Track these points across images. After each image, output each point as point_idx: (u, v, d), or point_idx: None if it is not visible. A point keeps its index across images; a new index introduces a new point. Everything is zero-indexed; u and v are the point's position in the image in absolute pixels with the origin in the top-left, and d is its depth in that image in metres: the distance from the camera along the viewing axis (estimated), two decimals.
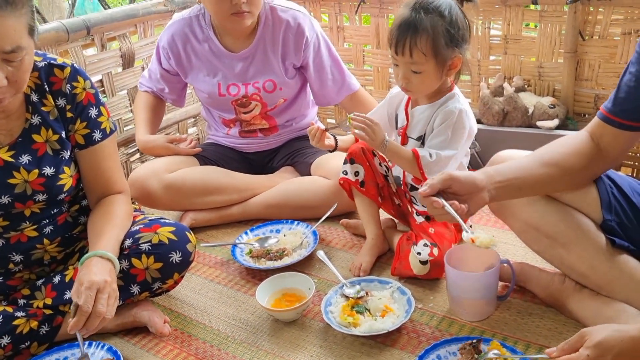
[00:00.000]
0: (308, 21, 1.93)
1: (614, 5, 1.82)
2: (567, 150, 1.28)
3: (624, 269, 1.27)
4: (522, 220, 1.38)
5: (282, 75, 1.94)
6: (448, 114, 1.52)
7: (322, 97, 2.06)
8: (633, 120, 1.21)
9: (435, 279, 1.55)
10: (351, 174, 1.69)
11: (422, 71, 1.48)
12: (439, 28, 1.45)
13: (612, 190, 1.32)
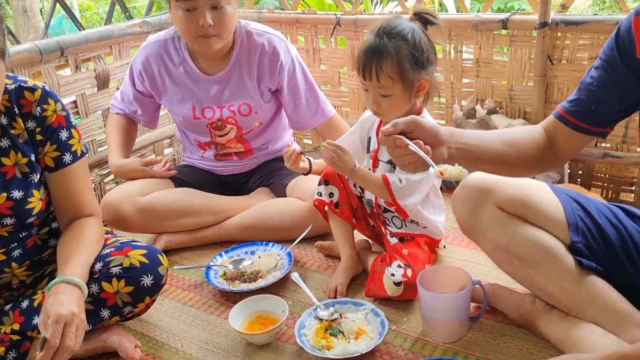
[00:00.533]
0: (284, 45, 1.94)
1: (580, 31, 1.88)
2: (524, 137, 1.31)
3: (591, 290, 1.30)
4: (492, 242, 1.40)
5: (257, 98, 1.95)
6: None
7: (296, 122, 2.07)
8: (587, 123, 1.26)
9: (409, 300, 1.55)
10: (325, 195, 1.70)
11: (390, 94, 1.51)
12: (403, 52, 1.48)
13: (579, 213, 1.35)
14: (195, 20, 1.74)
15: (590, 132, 1.27)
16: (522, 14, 1.98)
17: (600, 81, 1.22)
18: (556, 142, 1.30)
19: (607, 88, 1.22)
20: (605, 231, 1.33)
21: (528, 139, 1.31)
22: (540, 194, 1.39)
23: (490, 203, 1.38)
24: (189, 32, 1.78)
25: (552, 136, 1.31)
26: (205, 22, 1.74)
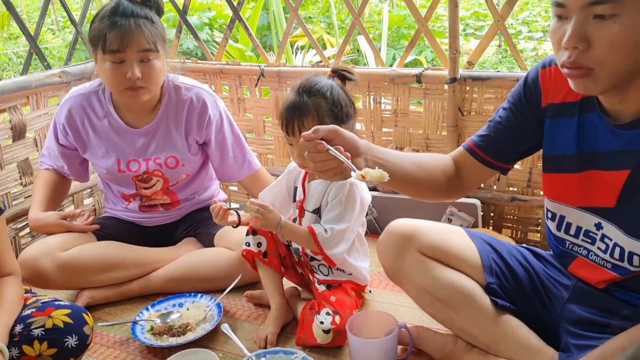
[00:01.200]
0: (212, 99, 1.97)
1: (486, 85, 2.05)
2: (434, 163, 1.41)
3: (506, 328, 1.39)
4: (416, 285, 1.47)
5: (185, 151, 1.96)
6: (340, 187, 1.61)
7: (222, 174, 2.09)
8: (492, 158, 1.39)
9: (339, 347, 1.59)
10: (254, 245, 1.73)
11: None
12: (323, 108, 1.55)
13: (493, 256, 1.46)
14: (124, 72, 1.75)
15: (494, 166, 1.40)
16: (434, 69, 2.14)
17: (507, 121, 1.36)
18: (462, 172, 1.42)
19: (512, 128, 1.36)
20: (516, 272, 1.45)
21: (437, 165, 1.41)
22: (458, 239, 1.49)
23: (413, 249, 1.46)
24: (117, 84, 1.78)
25: (459, 166, 1.42)
26: (133, 75, 1.74)
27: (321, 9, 6.68)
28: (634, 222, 1.19)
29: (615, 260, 1.25)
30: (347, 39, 2.41)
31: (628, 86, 1.11)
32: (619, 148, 1.19)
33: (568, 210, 1.33)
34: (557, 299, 1.41)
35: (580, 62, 1.06)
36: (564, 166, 1.30)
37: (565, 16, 1.06)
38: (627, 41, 1.02)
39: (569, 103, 1.27)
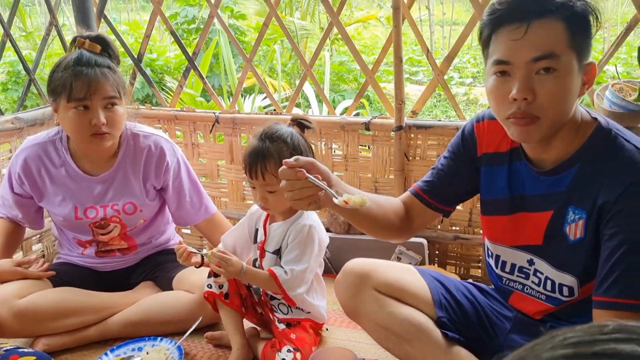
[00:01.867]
0: (170, 146, 2.03)
1: (429, 133, 2.22)
2: (388, 204, 1.53)
3: (456, 358, 1.50)
4: (373, 321, 1.57)
5: (142, 197, 2.00)
6: (300, 229, 1.71)
7: (179, 219, 2.14)
8: (436, 202, 1.53)
9: None
10: (215, 287, 1.78)
11: (275, 191, 1.67)
12: (284, 153, 1.65)
13: (441, 291, 1.58)
14: (88, 119, 1.79)
15: (437, 208, 1.54)
16: (381, 118, 2.30)
17: (448, 169, 1.52)
18: (411, 214, 1.55)
19: (452, 175, 1.52)
20: (463, 306, 1.58)
21: (391, 206, 1.53)
22: (410, 276, 1.60)
23: (369, 287, 1.56)
24: (82, 131, 1.81)
25: (408, 209, 1.56)
26: (99, 121, 1.78)
27: (270, 55, 6.86)
28: (559, 257, 1.35)
29: (548, 292, 1.40)
30: (299, 89, 2.55)
31: (554, 137, 1.28)
32: (542, 192, 1.36)
33: (503, 249, 1.48)
34: (500, 330, 1.55)
35: (530, 112, 1.21)
36: (498, 209, 1.46)
37: (509, 72, 1.22)
38: (564, 91, 1.20)
39: (500, 153, 1.44)
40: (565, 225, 1.33)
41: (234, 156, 2.57)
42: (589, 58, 1.23)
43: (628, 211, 1.21)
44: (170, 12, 7.95)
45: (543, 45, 1.18)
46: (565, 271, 1.35)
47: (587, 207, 1.28)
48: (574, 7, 1.18)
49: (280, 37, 7.36)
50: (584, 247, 1.30)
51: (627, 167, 1.22)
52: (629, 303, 1.21)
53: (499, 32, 1.23)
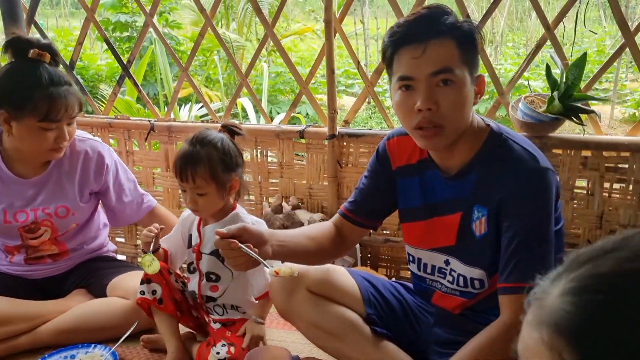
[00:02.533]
0: (106, 149, 2.06)
1: (360, 141, 2.32)
2: (321, 233, 1.63)
3: (385, 352, 1.59)
4: (306, 321, 1.64)
5: (76, 201, 1.99)
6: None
7: (122, 219, 2.15)
8: (363, 219, 1.65)
9: None
10: (148, 293, 1.79)
11: (205, 194, 1.71)
12: (215, 158, 1.71)
13: (371, 290, 1.68)
14: (53, 136, 1.83)
15: (365, 225, 1.67)
16: (315, 127, 2.38)
17: (369, 187, 1.64)
18: (343, 234, 1.66)
19: (374, 192, 1.64)
20: (391, 303, 1.68)
21: (324, 233, 1.64)
22: (341, 277, 1.69)
23: (302, 287, 1.63)
24: (42, 146, 1.86)
25: (339, 229, 1.66)
26: (64, 139, 1.85)
27: (208, 65, 6.85)
28: (469, 253, 1.48)
29: (461, 287, 1.52)
30: (235, 98, 2.60)
31: (455, 144, 1.41)
32: (451, 196, 1.49)
33: (423, 252, 1.59)
34: (425, 325, 1.66)
35: (434, 121, 1.33)
36: (414, 216, 1.58)
37: (413, 87, 1.35)
38: (462, 100, 1.34)
39: (411, 165, 1.57)
40: (472, 223, 1.46)
41: (170, 164, 2.58)
42: (478, 71, 1.39)
43: (519, 204, 1.36)
44: (102, 18, 7.78)
45: (440, 61, 1.32)
46: (475, 266, 1.47)
47: (488, 205, 1.42)
48: (462, 28, 1.34)
49: (216, 47, 7.37)
50: (488, 241, 1.43)
51: (516, 165, 1.37)
52: (527, 286, 1.34)
53: (400, 52, 1.36)
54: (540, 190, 1.36)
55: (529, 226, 1.35)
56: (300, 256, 1.56)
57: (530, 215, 1.35)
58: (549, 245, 1.36)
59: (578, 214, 2.09)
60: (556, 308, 0.53)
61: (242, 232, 1.38)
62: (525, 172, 1.36)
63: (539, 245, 1.35)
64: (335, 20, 2.21)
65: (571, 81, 1.90)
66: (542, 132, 2.01)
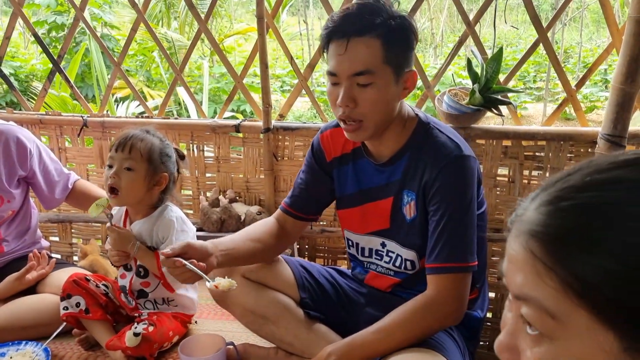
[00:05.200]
0: (25, 133, 2.03)
1: (295, 134, 2.37)
2: (264, 230, 1.67)
3: (317, 334, 1.66)
4: (240, 306, 1.68)
5: (7, 187, 1.97)
6: (168, 223, 1.76)
7: (51, 200, 2.12)
8: (303, 213, 1.70)
9: None
10: (72, 307, 1.77)
11: (133, 169, 1.70)
12: (157, 145, 1.75)
13: (305, 275, 1.73)
14: None
15: (306, 219, 1.72)
16: (251, 121, 2.41)
17: (307, 182, 1.69)
18: (286, 228, 1.71)
19: (312, 186, 1.69)
20: (324, 287, 1.74)
21: (266, 231, 1.68)
22: (275, 264, 1.74)
23: (237, 274, 1.67)
24: None
25: (282, 225, 1.71)
26: None
27: (146, 63, 6.74)
28: (402, 235, 1.56)
29: (396, 268, 1.60)
30: (170, 93, 2.60)
31: (384, 133, 1.49)
32: (383, 182, 1.56)
33: (360, 237, 1.66)
34: (357, 305, 1.72)
35: (352, 117, 1.41)
36: (350, 202, 1.65)
37: (338, 83, 1.41)
38: (381, 100, 1.40)
39: (345, 154, 1.63)
40: (403, 207, 1.54)
41: (104, 160, 2.56)
42: (409, 67, 1.43)
43: (444, 188, 1.44)
44: (37, 19, 7.54)
45: (361, 61, 1.37)
46: (408, 247, 1.55)
47: (415, 189, 1.50)
48: (390, 26, 1.37)
49: (156, 47, 7.26)
50: (417, 224, 1.51)
51: (441, 152, 1.45)
52: (452, 266, 1.43)
53: (330, 46, 1.42)
54: (462, 176, 1.44)
55: (452, 210, 1.43)
56: (245, 260, 1.62)
57: (453, 200, 1.43)
58: (472, 228, 1.45)
59: (501, 200, 2.21)
60: (533, 218, 0.60)
61: (187, 249, 1.42)
62: (448, 158, 1.44)
63: (462, 227, 1.44)
64: (268, 16, 2.26)
65: (490, 74, 2.01)
66: (465, 123, 2.12)
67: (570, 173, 0.62)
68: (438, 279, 1.45)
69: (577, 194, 0.58)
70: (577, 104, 2.18)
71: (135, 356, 1.68)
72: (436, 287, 1.45)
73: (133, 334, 1.65)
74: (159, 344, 1.70)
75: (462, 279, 1.44)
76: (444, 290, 1.44)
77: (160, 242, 1.78)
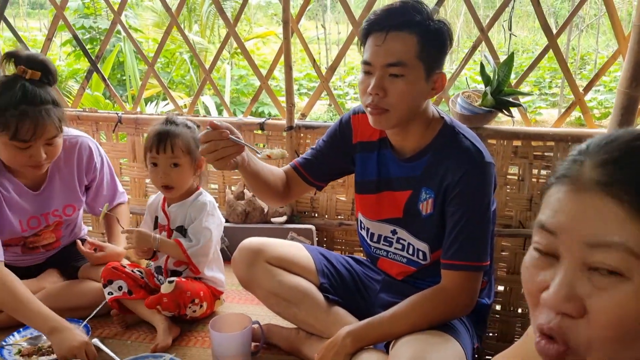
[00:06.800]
0: (94, 146, 2.15)
1: (316, 133, 2.51)
2: (278, 174, 1.78)
3: (336, 316, 1.78)
4: (265, 289, 1.81)
5: (79, 197, 2.12)
6: (200, 207, 1.94)
7: (93, 209, 2.25)
8: (310, 176, 1.82)
9: (201, 348, 1.84)
10: (116, 291, 1.94)
11: (180, 164, 1.88)
12: (188, 134, 1.91)
13: (324, 262, 1.87)
14: (28, 155, 1.83)
15: (311, 183, 1.83)
16: (274, 120, 2.56)
17: (324, 150, 1.81)
18: (290, 184, 1.83)
19: (327, 156, 1.81)
20: (342, 274, 1.87)
21: (279, 174, 1.80)
22: (297, 251, 1.87)
23: (261, 260, 1.81)
24: (19, 163, 1.86)
25: (288, 179, 1.83)
26: (40, 159, 1.84)
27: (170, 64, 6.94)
28: (416, 227, 1.68)
29: (409, 255, 1.72)
30: (199, 92, 2.76)
31: (407, 129, 1.60)
32: (403, 175, 1.68)
33: (372, 223, 1.79)
34: (372, 291, 1.85)
35: (380, 105, 1.52)
36: (368, 188, 1.77)
37: (371, 72, 1.53)
38: (409, 93, 1.51)
39: (372, 142, 1.75)
40: (419, 203, 1.66)
41: (137, 155, 2.72)
42: (440, 69, 1.54)
43: (465, 192, 1.55)
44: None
45: (396, 53, 1.48)
46: (420, 239, 1.68)
47: (435, 188, 1.61)
48: (429, 26, 1.49)
49: (178, 49, 7.46)
50: (433, 220, 1.63)
51: (464, 157, 1.56)
52: (466, 264, 1.56)
53: (369, 38, 1.54)
54: (483, 183, 1.55)
55: (470, 213, 1.54)
56: (263, 180, 1.69)
57: (472, 204, 1.54)
58: (487, 231, 1.57)
59: (511, 197, 2.33)
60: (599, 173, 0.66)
61: (230, 131, 1.48)
62: (471, 164, 1.54)
63: (478, 230, 1.55)
64: (292, 21, 2.40)
65: (501, 78, 2.14)
66: (477, 124, 2.24)
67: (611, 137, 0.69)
68: (453, 274, 1.57)
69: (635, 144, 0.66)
70: (585, 106, 2.28)
71: (170, 311, 1.86)
72: (451, 281, 1.57)
73: (168, 282, 1.82)
74: (191, 294, 1.87)
75: (474, 277, 1.56)
76: (458, 285, 1.56)
77: (190, 223, 1.94)
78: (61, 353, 1.69)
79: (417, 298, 1.57)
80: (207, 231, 1.93)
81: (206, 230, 1.93)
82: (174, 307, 1.86)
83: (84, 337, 1.73)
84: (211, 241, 1.94)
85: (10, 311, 1.82)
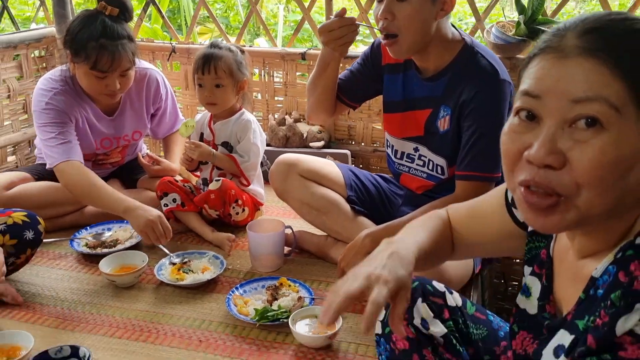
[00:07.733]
0: (161, 78, 2.38)
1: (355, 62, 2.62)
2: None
3: (361, 225, 1.93)
4: (297, 199, 2.00)
5: (146, 124, 2.38)
6: (245, 124, 2.14)
7: (155, 134, 2.52)
8: (344, 96, 1.97)
9: (240, 252, 2.07)
10: (170, 202, 2.17)
11: (224, 85, 2.07)
12: (231, 58, 2.08)
13: (353, 177, 2.03)
14: (105, 84, 2.06)
15: (345, 103, 1.99)
16: (316, 50, 2.68)
17: (357, 72, 1.96)
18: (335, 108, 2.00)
19: (360, 76, 1.96)
20: (368, 188, 2.03)
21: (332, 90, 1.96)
22: (328, 166, 2.04)
23: (295, 173, 1.99)
24: (96, 90, 2.10)
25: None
26: (114, 88, 2.07)
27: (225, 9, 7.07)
28: (435, 143, 1.80)
29: (429, 170, 1.86)
30: (247, 20, 2.90)
31: (426, 50, 1.71)
32: (425, 94, 1.80)
33: (396, 140, 1.93)
34: (395, 205, 2.01)
35: (389, 29, 1.64)
36: (395, 108, 1.90)
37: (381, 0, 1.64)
38: (416, 16, 1.62)
39: (398, 64, 1.86)
40: (437, 120, 1.78)
41: (189, 83, 2.92)
42: None
43: (479, 107, 1.66)
44: None
45: None
46: (439, 155, 1.81)
47: (452, 105, 1.72)
48: None
49: None
50: (449, 136, 1.75)
51: (480, 75, 1.66)
52: (479, 175, 1.68)
53: None
54: (496, 98, 1.65)
55: (484, 127, 1.65)
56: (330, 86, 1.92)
57: (486, 118, 1.65)
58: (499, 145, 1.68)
59: None
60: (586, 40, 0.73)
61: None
62: (486, 81, 1.65)
63: (491, 143, 1.61)
64: None
65: (535, 6, 2.17)
66: (510, 53, 2.29)
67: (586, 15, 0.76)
68: (466, 184, 1.70)
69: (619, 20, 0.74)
70: None
71: (217, 209, 2.10)
72: (464, 190, 1.70)
73: (215, 180, 2.06)
74: (236, 193, 2.09)
75: (486, 187, 1.66)
76: (470, 193, 1.65)
77: (237, 142, 2.14)
78: (139, 227, 1.93)
79: (432, 203, 1.72)
80: (255, 147, 2.15)
81: (254, 146, 2.15)
82: (220, 204, 2.09)
83: (157, 211, 1.95)
84: (258, 156, 2.15)
85: (88, 197, 2.07)
